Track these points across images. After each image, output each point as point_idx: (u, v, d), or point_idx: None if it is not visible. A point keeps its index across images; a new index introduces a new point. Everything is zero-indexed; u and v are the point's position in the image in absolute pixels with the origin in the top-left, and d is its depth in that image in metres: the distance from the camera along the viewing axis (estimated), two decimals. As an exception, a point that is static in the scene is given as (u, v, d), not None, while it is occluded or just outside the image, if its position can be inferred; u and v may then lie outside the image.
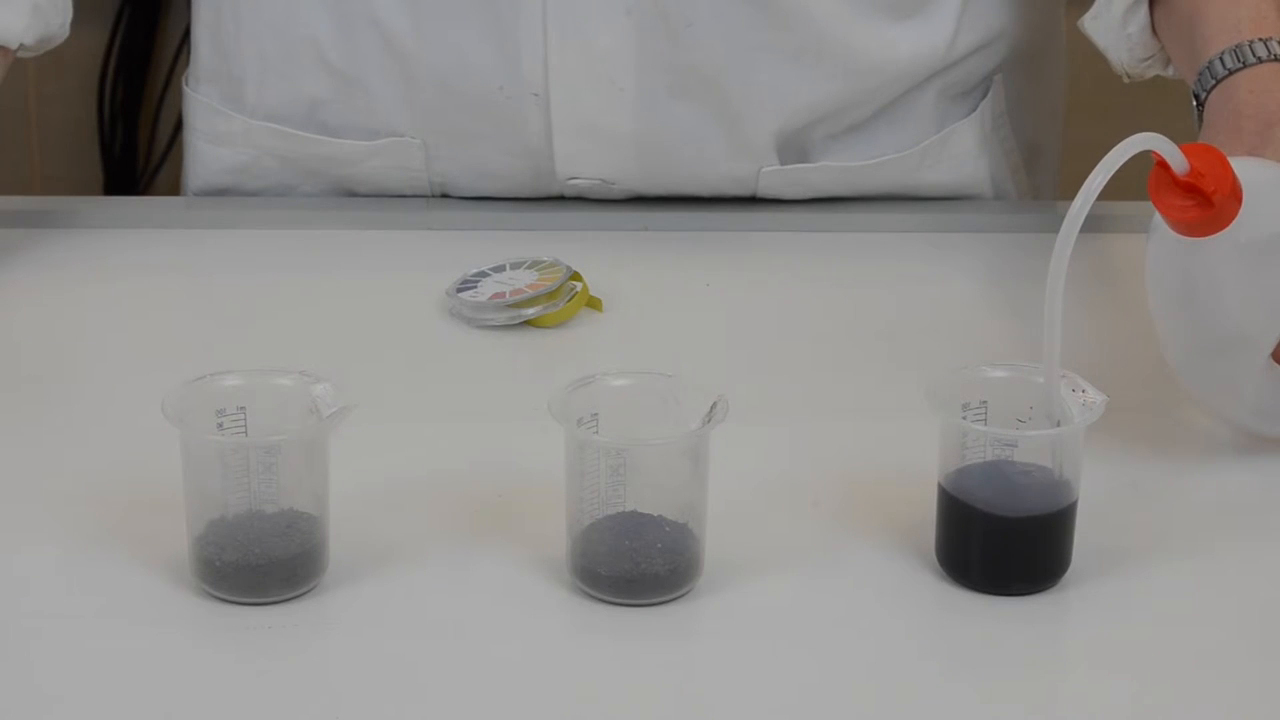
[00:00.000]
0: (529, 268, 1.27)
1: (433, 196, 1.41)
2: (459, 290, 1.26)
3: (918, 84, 1.37)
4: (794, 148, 1.38)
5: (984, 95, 1.41)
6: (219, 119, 1.41)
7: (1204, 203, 1.00)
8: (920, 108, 1.38)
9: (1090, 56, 1.33)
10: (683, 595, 0.98)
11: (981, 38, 1.38)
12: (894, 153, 1.39)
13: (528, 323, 1.24)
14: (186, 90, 1.44)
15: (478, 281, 1.26)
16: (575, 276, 1.26)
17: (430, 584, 0.99)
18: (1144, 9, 1.27)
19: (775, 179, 1.38)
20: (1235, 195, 1.00)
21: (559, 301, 1.25)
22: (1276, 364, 1.07)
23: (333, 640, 0.96)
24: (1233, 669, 0.94)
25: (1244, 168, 1.01)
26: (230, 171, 1.42)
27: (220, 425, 0.98)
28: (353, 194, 1.41)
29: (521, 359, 1.22)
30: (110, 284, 1.31)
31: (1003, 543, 0.98)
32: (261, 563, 0.96)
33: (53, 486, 1.06)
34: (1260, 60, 1.15)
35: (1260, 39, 1.15)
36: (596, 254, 1.30)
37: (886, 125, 1.38)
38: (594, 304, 1.26)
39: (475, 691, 0.92)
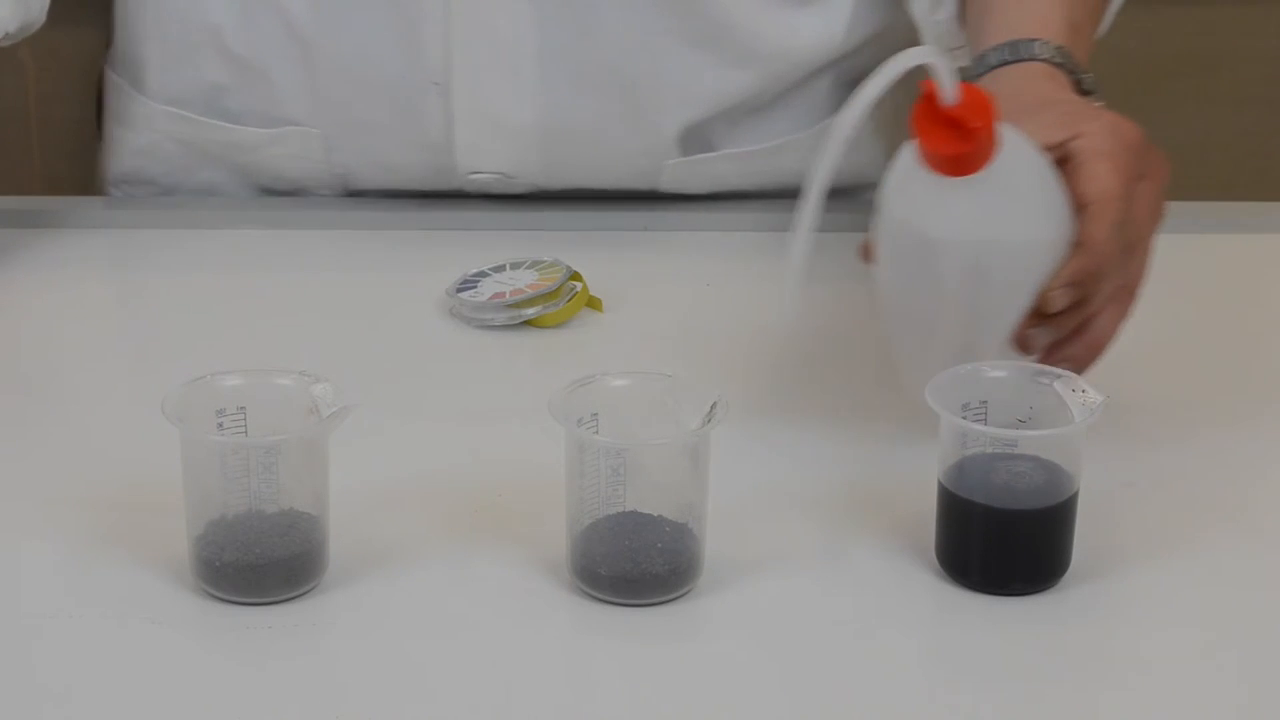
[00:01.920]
0: (529, 268, 1.27)
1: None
2: (459, 290, 1.26)
3: (815, 71, 1.37)
4: (697, 138, 1.38)
5: None
6: (126, 101, 1.42)
7: (966, 138, 0.99)
8: (816, 94, 1.38)
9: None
10: (683, 595, 0.98)
11: (876, 26, 1.38)
12: (790, 136, 1.39)
13: (528, 323, 1.24)
14: (105, 72, 1.44)
15: (478, 281, 1.26)
16: (575, 276, 1.26)
17: (430, 584, 0.99)
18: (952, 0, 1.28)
19: (679, 171, 1.38)
20: (995, 138, 0.99)
21: (559, 301, 1.25)
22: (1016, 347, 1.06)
23: (333, 640, 0.96)
24: (1232, 669, 0.94)
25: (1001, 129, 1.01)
26: (134, 154, 1.42)
27: (220, 425, 0.98)
28: (257, 182, 1.41)
29: (521, 359, 1.22)
30: (110, 284, 1.31)
31: (1003, 539, 0.98)
32: (261, 563, 0.96)
33: (53, 487, 1.06)
34: (1034, 58, 1.15)
35: (1038, 39, 1.16)
36: (596, 254, 1.30)
37: (783, 111, 1.38)
38: (594, 304, 1.26)
39: (475, 691, 0.92)
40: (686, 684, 0.93)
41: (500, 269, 1.27)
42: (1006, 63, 1.15)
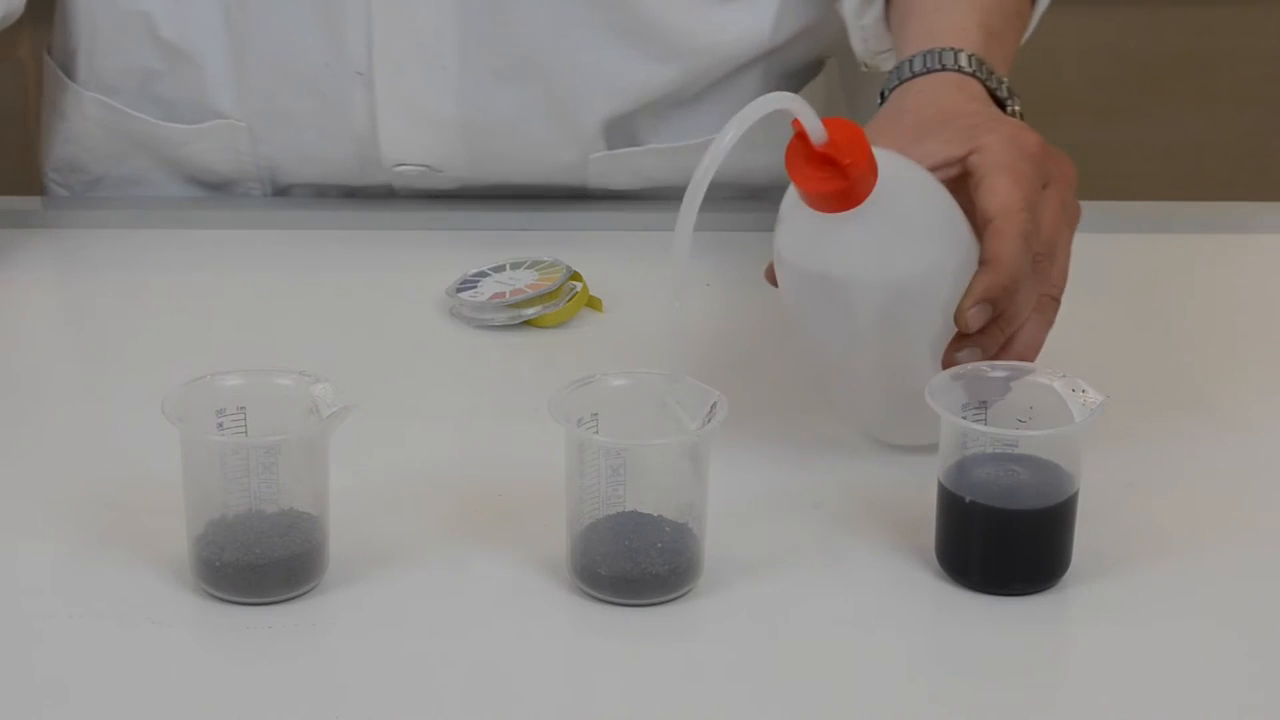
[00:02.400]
0: (529, 268, 1.27)
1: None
2: (459, 290, 1.26)
3: (742, 66, 1.37)
4: (622, 132, 1.37)
5: (812, 76, 1.41)
6: (59, 88, 1.42)
7: (839, 174, 0.98)
8: (744, 90, 1.38)
9: (1087, 56, 1.33)
10: (683, 595, 0.98)
11: (805, 21, 1.37)
12: (717, 132, 1.38)
13: (528, 323, 1.24)
14: (44, 58, 1.44)
15: (478, 281, 1.26)
16: (575, 276, 1.26)
17: (430, 584, 0.99)
18: (878, 3, 1.28)
19: (604, 165, 1.37)
20: (871, 170, 0.99)
21: (559, 301, 1.25)
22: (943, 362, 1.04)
23: (333, 640, 0.96)
24: (1233, 669, 0.94)
25: (884, 159, 1.00)
26: (65, 141, 1.43)
27: (220, 425, 0.98)
28: (185, 174, 1.41)
29: (521, 359, 1.22)
30: (110, 284, 1.31)
31: (1003, 539, 0.98)
32: (261, 563, 0.96)
33: (53, 487, 1.06)
34: (944, 69, 1.14)
35: (951, 48, 1.15)
36: (596, 254, 1.30)
37: (711, 105, 1.38)
38: (594, 304, 1.26)
39: (475, 691, 0.92)
40: (686, 684, 0.93)
41: (500, 269, 1.27)
42: (919, 74, 1.14)
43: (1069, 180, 1.08)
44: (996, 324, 1.04)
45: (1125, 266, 1.33)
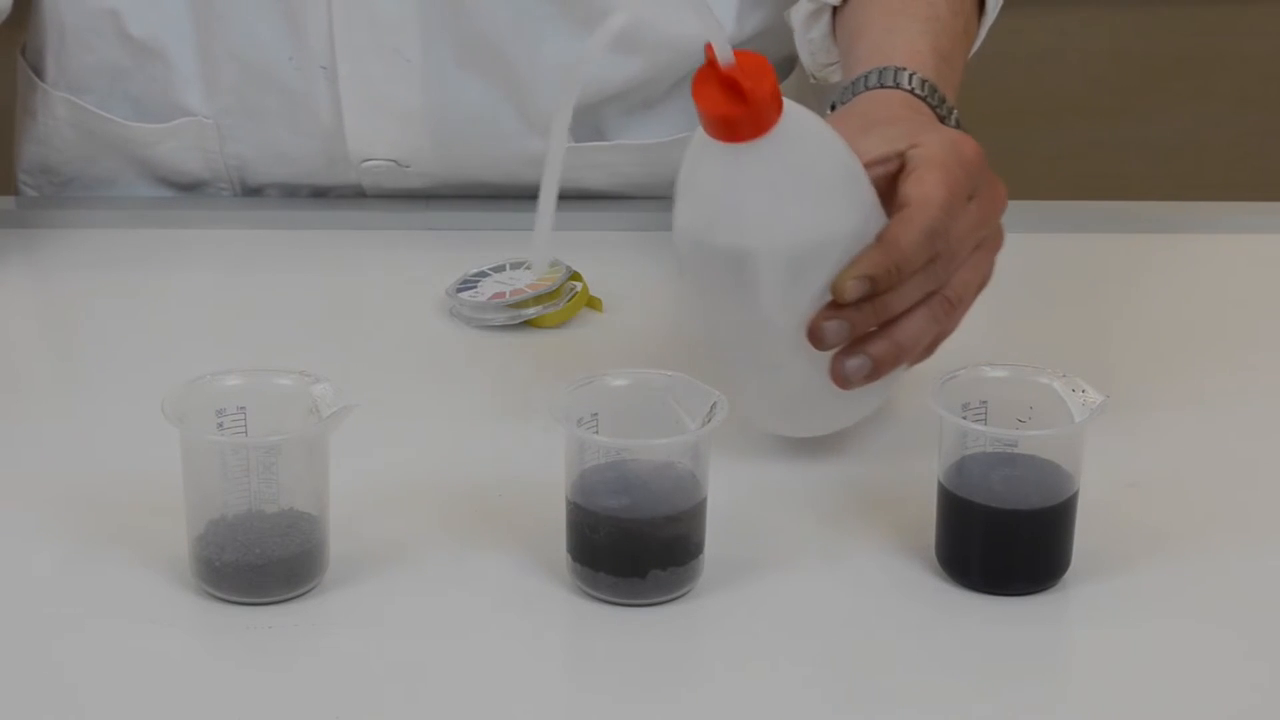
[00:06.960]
0: (529, 268, 1.27)
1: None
2: (459, 290, 1.26)
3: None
4: (588, 126, 1.37)
5: (783, 77, 1.41)
6: (30, 89, 1.42)
7: (742, 99, 0.98)
8: None
9: (1087, 56, 1.33)
10: (683, 595, 0.98)
11: (764, 21, 1.37)
12: (689, 130, 1.38)
13: (528, 323, 1.24)
14: (19, 59, 1.44)
15: (478, 281, 1.26)
16: (575, 276, 1.26)
17: (430, 584, 0.99)
18: (825, 18, 1.28)
19: (572, 159, 1.37)
20: (775, 101, 0.99)
21: (559, 301, 1.25)
22: (809, 341, 1.03)
23: (333, 640, 0.96)
24: (1233, 669, 0.94)
25: (798, 112, 1.00)
26: (34, 142, 1.42)
27: (220, 425, 0.98)
28: (155, 175, 1.41)
29: (521, 359, 1.22)
30: (109, 284, 1.31)
31: (1003, 539, 0.98)
32: (261, 563, 0.96)
33: (53, 487, 1.06)
34: (897, 86, 1.15)
35: (905, 68, 1.15)
36: (596, 254, 1.30)
37: (681, 103, 1.37)
38: (594, 304, 1.26)
39: (475, 692, 0.92)
40: (686, 684, 0.93)
41: (500, 269, 1.27)
42: (872, 89, 1.15)
43: (996, 203, 1.08)
44: (872, 304, 1.03)
45: (1125, 266, 1.33)
